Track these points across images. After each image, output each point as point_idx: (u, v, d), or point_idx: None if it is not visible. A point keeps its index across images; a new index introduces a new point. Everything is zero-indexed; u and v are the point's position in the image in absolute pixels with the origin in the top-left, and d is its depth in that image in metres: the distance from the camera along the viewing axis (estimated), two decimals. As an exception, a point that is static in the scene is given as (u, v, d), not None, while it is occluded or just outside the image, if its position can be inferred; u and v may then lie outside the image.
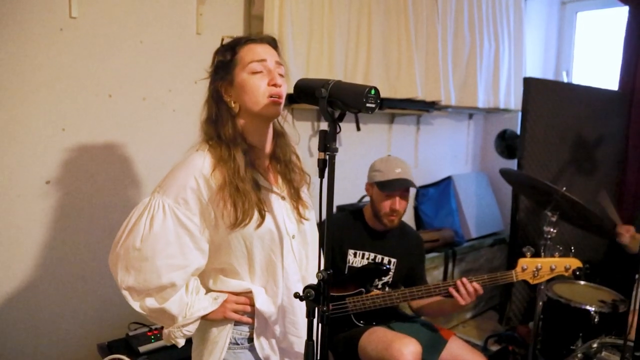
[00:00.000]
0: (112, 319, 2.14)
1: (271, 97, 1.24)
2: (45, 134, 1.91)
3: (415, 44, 3.05)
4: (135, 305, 1.27)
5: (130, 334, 1.97)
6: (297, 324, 1.37)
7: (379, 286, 2.15)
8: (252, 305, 1.31)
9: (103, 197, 2.09)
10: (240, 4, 2.43)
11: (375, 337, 1.97)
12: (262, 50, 1.28)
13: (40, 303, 1.98)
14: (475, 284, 1.91)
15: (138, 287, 1.25)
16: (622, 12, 3.57)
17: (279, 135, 1.38)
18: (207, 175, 1.23)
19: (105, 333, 2.07)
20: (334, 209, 2.38)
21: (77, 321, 2.08)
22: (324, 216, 1.11)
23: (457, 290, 1.91)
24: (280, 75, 1.28)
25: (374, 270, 2.11)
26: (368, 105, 1.04)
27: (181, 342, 1.33)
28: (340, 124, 1.11)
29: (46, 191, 1.94)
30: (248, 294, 1.32)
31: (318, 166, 1.10)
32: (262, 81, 1.25)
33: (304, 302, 1.32)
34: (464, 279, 1.92)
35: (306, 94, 1.14)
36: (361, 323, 2.08)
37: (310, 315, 1.14)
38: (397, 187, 2.08)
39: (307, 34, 2.54)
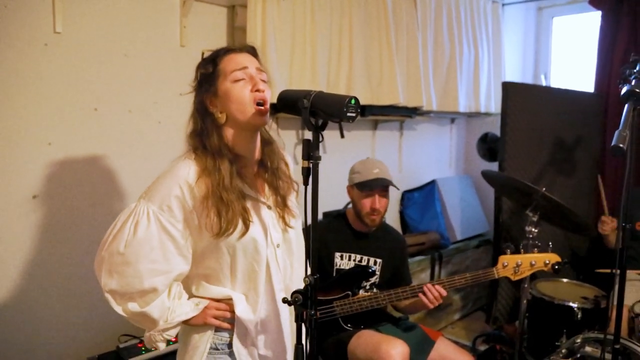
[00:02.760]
0: (101, 331, 2.14)
1: (257, 103, 1.27)
2: (31, 148, 1.92)
3: (396, 51, 3.11)
4: (118, 309, 1.30)
5: (121, 346, 1.97)
6: (279, 333, 1.39)
7: (367, 287, 2.19)
8: (233, 311, 1.34)
9: (90, 210, 2.10)
10: (224, 16, 2.47)
11: (364, 340, 2.00)
12: (243, 59, 1.31)
13: (28, 317, 1.98)
14: (437, 286, 1.99)
15: (120, 291, 1.28)
16: (596, 17, 3.68)
17: (267, 144, 1.41)
18: (191, 184, 1.26)
19: (95, 346, 2.07)
20: (320, 215, 2.42)
21: (66, 335, 2.08)
22: (309, 223, 1.15)
23: (425, 295, 2.00)
24: (263, 80, 1.31)
25: (360, 273, 2.15)
26: (349, 114, 1.09)
27: (162, 346, 1.36)
28: (324, 132, 1.15)
29: (33, 206, 1.94)
30: (228, 301, 1.35)
31: (302, 174, 1.14)
32: (245, 88, 1.28)
33: (286, 312, 1.37)
34: (429, 285, 2.00)
35: (289, 105, 1.18)
36: (349, 326, 2.11)
37: (298, 319, 1.17)
38: (375, 186, 2.15)
39: (289, 45, 2.58)
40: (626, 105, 1.58)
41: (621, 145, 1.43)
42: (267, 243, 1.35)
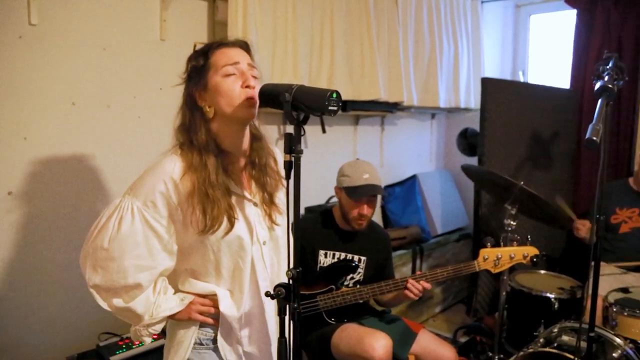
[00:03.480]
0: (81, 329, 2.11)
1: (246, 99, 1.25)
2: (6, 143, 1.88)
3: (377, 47, 3.13)
4: (103, 304, 1.30)
5: (101, 344, 1.96)
6: (264, 329, 1.40)
7: (350, 285, 2.20)
8: (217, 307, 1.34)
9: (68, 207, 2.07)
10: (204, 10, 2.44)
11: (347, 333, 2.02)
12: (235, 54, 1.30)
13: (6, 316, 1.94)
14: (422, 282, 2.03)
15: (105, 286, 1.28)
16: (572, 15, 3.75)
17: (256, 139, 1.39)
18: (176, 180, 1.25)
19: (74, 344, 2.04)
20: (302, 211, 2.42)
21: (44, 333, 2.05)
22: (291, 216, 1.15)
23: (410, 290, 2.03)
24: (254, 77, 1.30)
25: (343, 268, 2.16)
26: (330, 108, 1.09)
27: (147, 340, 1.37)
28: (306, 126, 1.15)
29: (8, 202, 1.90)
30: (213, 297, 1.35)
31: (284, 168, 1.14)
32: (236, 83, 1.27)
33: (271, 308, 1.38)
34: (412, 280, 2.03)
35: (270, 99, 1.18)
36: (333, 320, 2.12)
37: (281, 313, 1.17)
38: (364, 194, 2.11)
39: (271, 40, 2.57)
40: (599, 100, 1.62)
41: (595, 138, 1.47)
42: (252, 240, 1.35)
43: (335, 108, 1.10)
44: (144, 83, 2.22)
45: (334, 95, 1.09)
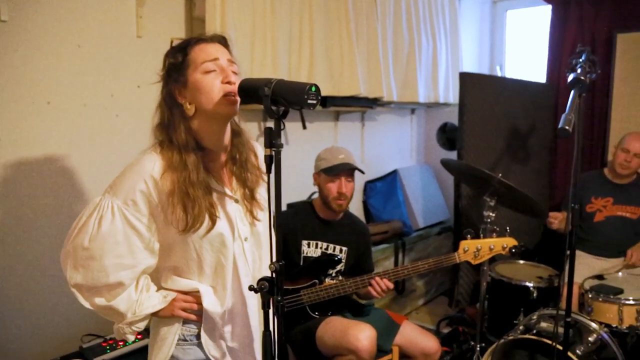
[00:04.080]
0: (64, 332, 2.08)
1: (226, 95, 1.24)
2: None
3: (357, 43, 3.14)
4: (85, 303, 1.30)
5: (84, 346, 1.93)
6: (247, 325, 1.40)
7: (333, 275, 2.22)
8: (200, 304, 1.35)
9: (46, 208, 2.04)
10: (181, 5, 2.42)
11: (332, 326, 2.04)
12: (214, 50, 1.28)
13: (-15, 320, 1.92)
14: (385, 280, 2.06)
15: (86, 285, 1.27)
16: (547, 10, 3.82)
17: (236, 135, 1.39)
18: (157, 178, 1.24)
19: (57, 348, 2.01)
20: (284, 207, 2.44)
21: (26, 337, 2.02)
22: (273, 210, 1.16)
23: (373, 288, 2.06)
24: (234, 72, 1.29)
25: (327, 262, 2.19)
26: (309, 101, 1.09)
27: (130, 338, 1.36)
28: (287, 123, 1.15)
29: (-15, 204, 1.87)
30: (196, 294, 1.35)
31: (265, 162, 1.14)
32: (216, 80, 1.25)
33: (254, 304, 1.38)
34: (377, 278, 2.06)
35: (250, 93, 1.18)
36: (317, 314, 2.14)
37: (265, 306, 1.18)
38: (341, 170, 2.19)
39: (249, 36, 2.56)
40: (572, 92, 1.67)
41: (567, 128, 1.52)
42: (234, 237, 1.35)
43: (314, 101, 1.10)
44: (121, 81, 2.20)
45: (313, 88, 1.09)
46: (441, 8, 3.98)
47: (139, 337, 1.97)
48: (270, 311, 1.18)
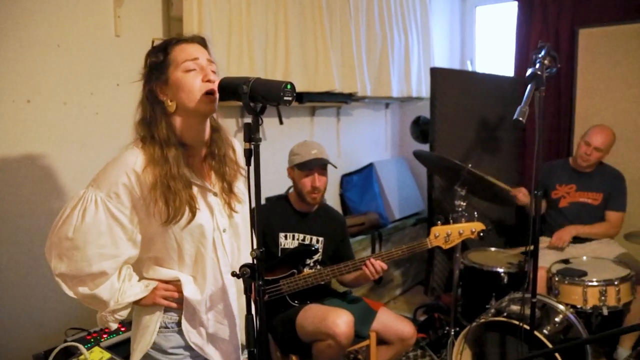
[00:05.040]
0: (48, 327, 2.12)
1: (206, 93, 1.31)
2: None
3: (331, 40, 3.22)
4: (69, 292, 1.36)
5: (69, 339, 1.96)
6: (228, 313, 1.48)
7: (311, 265, 2.30)
8: (181, 292, 1.41)
9: (27, 206, 2.06)
10: (159, 5, 2.46)
11: (311, 313, 2.12)
12: (194, 50, 1.35)
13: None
14: (379, 261, 2.13)
15: (70, 274, 1.33)
16: (514, 6, 3.96)
17: (215, 131, 1.45)
18: (139, 172, 1.30)
19: (41, 342, 2.03)
20: (262, 201, 2.50)
21: (10, 333, 2.04)
22: (253, 202, 1.23)
23: (367, 268, 2.13)
24: (213, 71, 1.36)
25: (304, 252, 2.26)
26: (285, 98, 1.18)
27: (113, 326, 1.42)
28: (265, 118, 1.23)
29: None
30: (177, 282, 1.41)
31: (245, 156, 1.21)
32: (196, 78, 1.32)
33: (234, 293, 1.46)
34: (372, 259, 2.14)
35: (229, 91, 1.25)
36: (296, 303, 2.21)
37: (247, 291, 1.25)
38: (314, 165, 2.26)
39: (226, 35, 2.61)
40: (529, 85, 1.79)
41: (521, 119, 1.64)
42: (213, 228, 1.41)
43: (289, 98, 1.18)
44: (101, 79, 2.23)
45: (288, 86, 1.17)
46: (412, 4, 4.07)
47: (122, 329, 2.02)
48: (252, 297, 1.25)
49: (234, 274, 1.26)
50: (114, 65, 2.26)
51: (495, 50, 4.39)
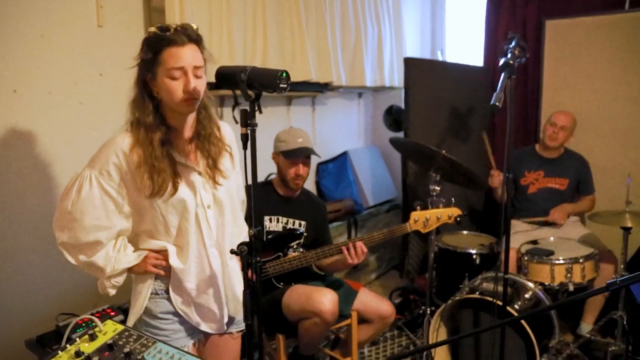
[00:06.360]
0: (39, 312, 2.14)
1: (186, 100, 1.42)
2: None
3: (307, 31, 3.29)
4: (71, 259, 1.52)
5: (60, 324, 2.00)
6: (213, 284, 1.60)
7: (295, 247, 2.38)
8: (168, 261, 1.55)
9: (15, 194, 2.07)
10: (140, -5, 2.47)
11: (296, 293, 2.21)
12: (183, 56, 1.40)
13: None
14: (359, 243, 2.17)
15: (70, 243, 1.50)
16: (482, -2, 4.09)
17: (203, 108, 1.54)
18: (126, 152, 1.45)
19: (33, 328, 2.06)
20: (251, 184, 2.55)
21: (1, 317, 2.06)
22: (249, 180, 1.31)
23: (348, 251, 2.18)
24: (198, 76, 1.43)
25: (288, 236, 2.35)
26: (281, 85, 1.27)
27: (112, 292, 1.57)
28: (242, 107, 1.30)
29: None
30: (165, 252, 1.55)
31: (241, 140, 1.30)
32: (180, 85, 1.41)
33: (218, 265, 1.60)
34: (357, 243, 2.17)
35: (227, 79, 1.32)
36: (281, 284, 2.30)
37: (244, 268, 1.34)
38: (299, 155, 2.34)
39: (207, 26, 2.65)
40: (502, 74, 1.93)
41: (497, 104, 1.78)
42: (196, 204, 1.54)
43: (285, 85, 1.27)
44: (84, 69, 2.24)
45: (284, 74, 1.27)
46: (385, -5, 4.16)
47: (112, 313, 2.07)
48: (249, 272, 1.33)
49: (232, 251, 1.35)
50: (97, 55, 2.27)
51: (464, 40, 4.52)
